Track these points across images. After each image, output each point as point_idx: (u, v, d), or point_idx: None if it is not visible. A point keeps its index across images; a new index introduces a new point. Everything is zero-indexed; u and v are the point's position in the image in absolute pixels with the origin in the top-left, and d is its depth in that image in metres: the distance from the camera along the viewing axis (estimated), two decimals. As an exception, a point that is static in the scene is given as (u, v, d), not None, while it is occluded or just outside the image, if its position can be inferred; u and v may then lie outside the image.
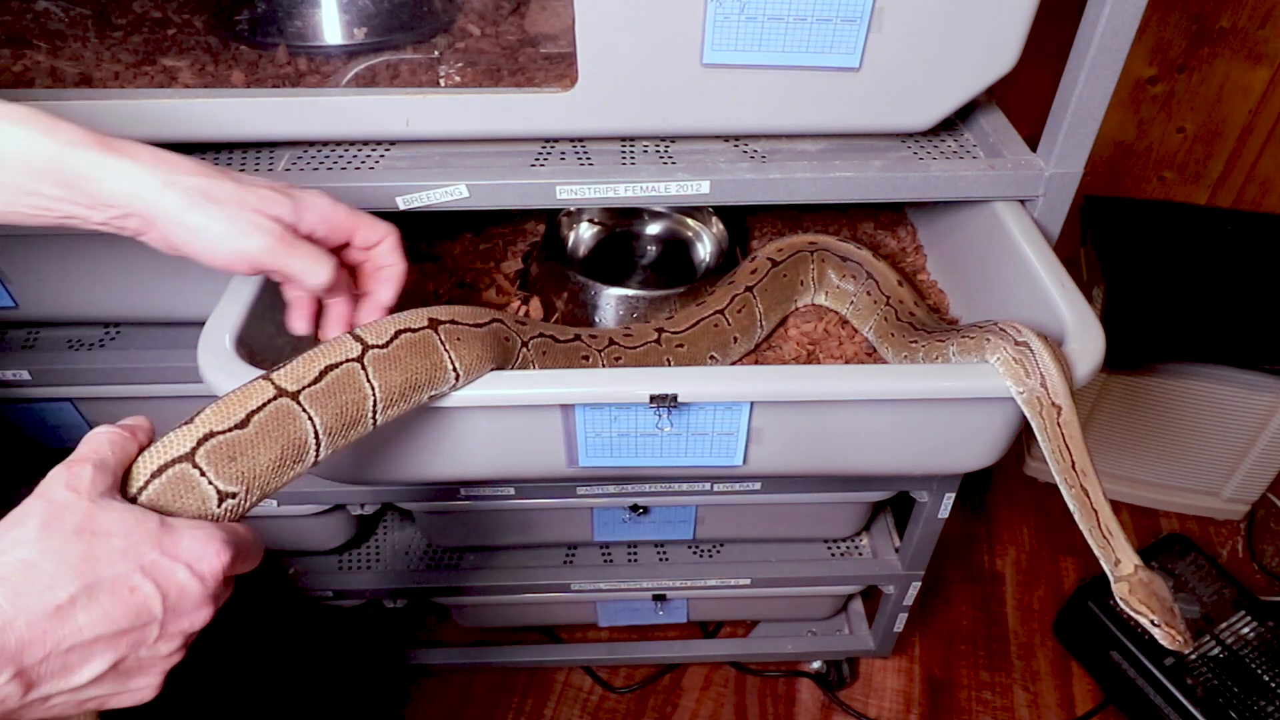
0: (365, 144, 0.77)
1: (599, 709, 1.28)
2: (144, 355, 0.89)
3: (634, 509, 1.05)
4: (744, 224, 0.99)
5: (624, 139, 0.78)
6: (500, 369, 0.64)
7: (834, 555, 1.15)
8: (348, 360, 0.53)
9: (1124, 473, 1.51)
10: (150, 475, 0.44)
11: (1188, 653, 1.19)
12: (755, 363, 0.84)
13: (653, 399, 0.62)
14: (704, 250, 0.96)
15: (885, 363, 0.81)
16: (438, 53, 0.77)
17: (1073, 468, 0.63)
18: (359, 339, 0.54)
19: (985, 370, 0.64)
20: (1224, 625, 1.22)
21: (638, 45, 0.67)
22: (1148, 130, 1.56)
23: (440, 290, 0.85)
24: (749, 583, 1.12)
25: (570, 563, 1.15)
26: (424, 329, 0.57)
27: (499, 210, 0.74)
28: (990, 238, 0.77)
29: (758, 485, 0.99)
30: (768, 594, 1.16)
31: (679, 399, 0.62)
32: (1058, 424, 0.62)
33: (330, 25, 0.77)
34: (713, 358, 0.80)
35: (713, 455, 0.69)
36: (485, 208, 0.73)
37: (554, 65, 0.75)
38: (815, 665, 1.32)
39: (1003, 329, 0.64)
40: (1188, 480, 1.50)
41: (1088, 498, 0.63)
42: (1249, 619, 1.22)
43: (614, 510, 1.06)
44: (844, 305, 0.87)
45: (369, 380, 0.54)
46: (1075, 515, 0.64)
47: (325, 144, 0.76)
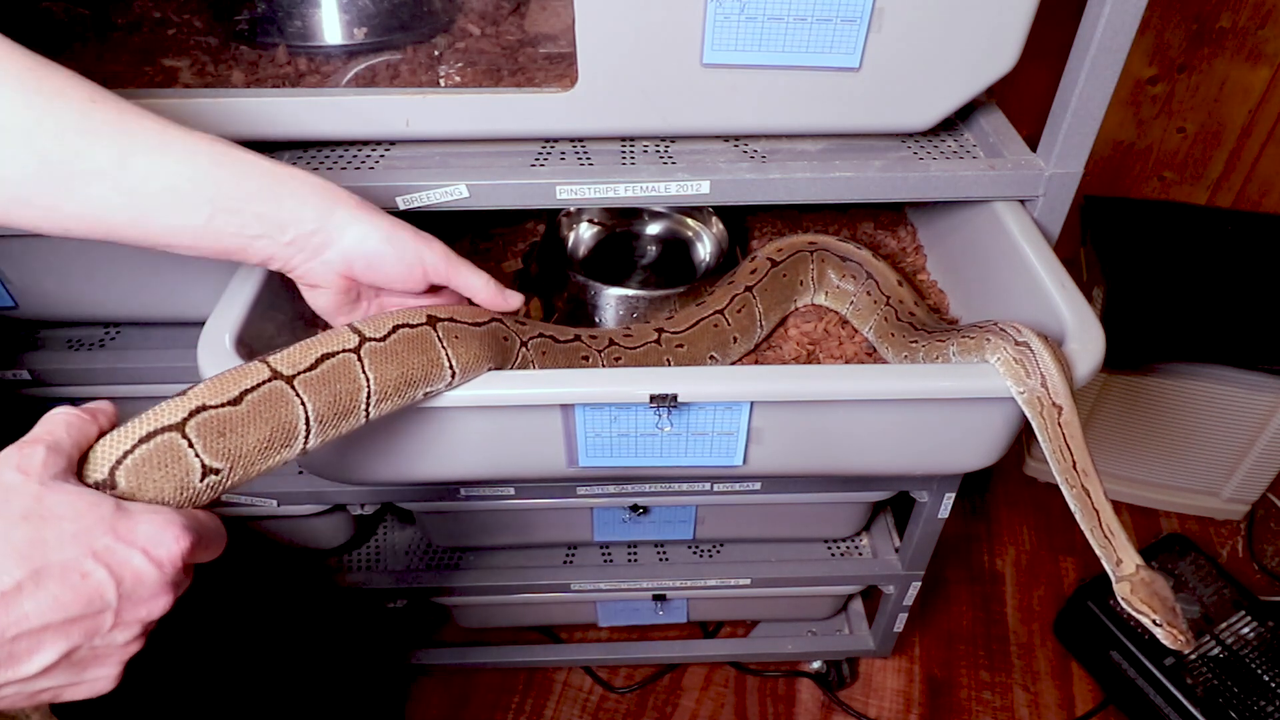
0: (365, 144, 0.77)
1: (599, 709, 1.28)
2: (144, 355, 0.89)
3: (634, 509, 1.05)
4: (744, 224, 0.99)
5: (624, 139, 0.78)
6: (499, 369, 0.64)
7: (834, 555, 1.15)
8: (344, 350, 0.53)
9: (1124, 473, 1.51)
10: (138, 440, 0.44)
11: (1188, 653, 1.19)
12: (755, 363, 0.84)
13: (653, 399, 0.62)
14: (704, 250, 0.96)
15: (885, 363, 0.81)
16: (438, 53, 0.77)
17: (1074, 468, 0.63)
18: (357, 331, 0.55)
19: (985, 370, 0.64)
20: (1224, 625, 1.22)
21: (638, 45, 0.67)
22: (1148, 130, 1.56)
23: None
24: (749, 583, 1.12)
25: (570, 563, 1.15)
26: (422, 325, 0.58)
27: (499, 210, 0.74)
28: (990, 238, 0.77)
29: (758, 485, 0.99)
30: (768, 594, 1.16)
31: (679, 399, 0.62)
32: (1058, 424, 0.62)
33: (330, 25, 0.77)
34: (713, 358, 0.80)
35: (713, 455, 0.69)
36: (485, 208, 0.73)
37: (554, 65, 0.75)
38: (815, 665, 1.32)
39: (1003, 329, 0.64)
40: (1188, 480, 1.50)
41: (1089, 498, 0.63)
42: (1249, 619, 1.22)
43: (614, 510, 1.06)
44: (844, 305, 0.86)
45: (364, 371, 0.54)
46: (1077, 515, 0.64)
47: (325, 144, 0.76)
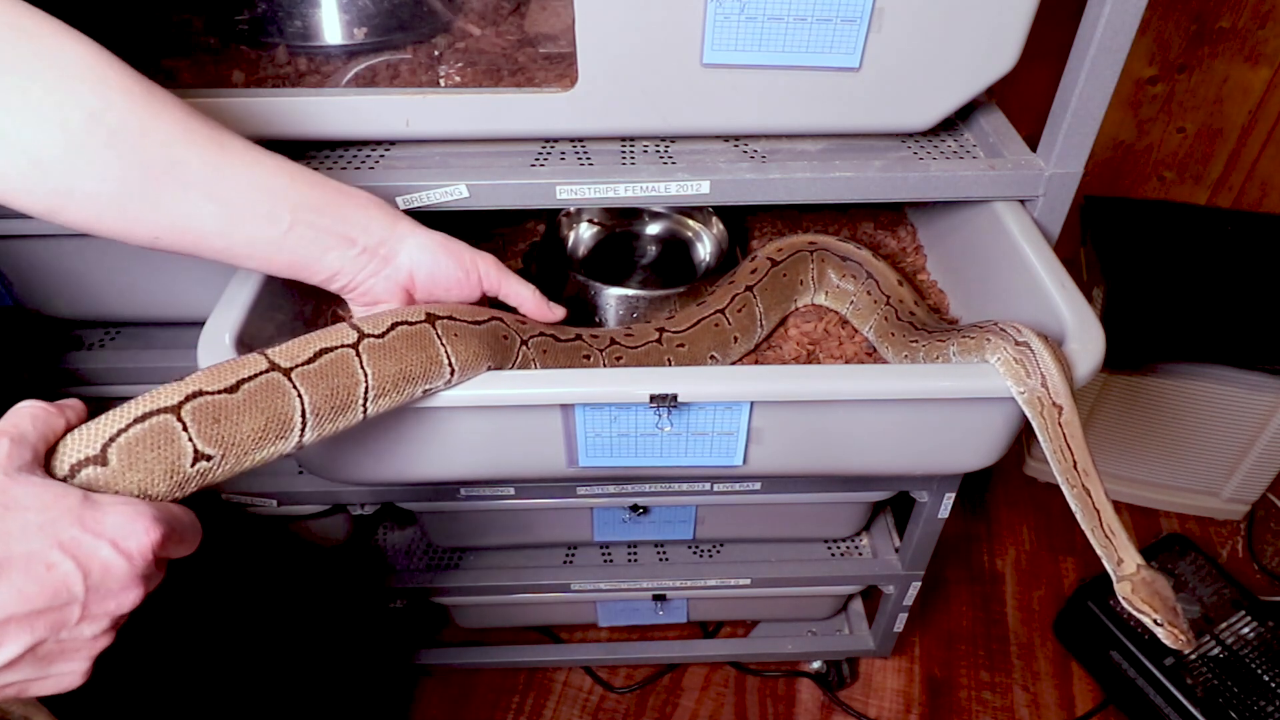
0: (365, 144, 0.77)
1: (599, 709, 1.28)
2: (144, 355, 0.89)
3: (634, 509, 1.05)
4: (744, 224, 0.99)
5: (624, 139, 0.78)
6: (499, 368, 0.63)
7: (834, 555, 1.15)
8: (342, 345, 0.54)
9: (1124, 473, 1.51)
10: (133, 419, 0.44)
11: (1188, 653, 1.19)
12: (755, 363, 0.84)
13: (653, 399, 0.62)
14: (704, 250, 0.96)
15: (885, 363, 0.81)
16: (438, 53, 0.77)
17: (1074, 467, 0.63)
18: (356, 327, 0.55)
19: (986, 370, 0.64)
20: (1224, 625, 1.22)
21: (638, 45, 0.67)
22: (1148, 130, 1.56)
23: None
24: (749, 583, 1.12)
25: (570, 563, 1.15)
26: (421, 323, 0.58)
27: (500, 210, 0.74)
28: (990, 238, 0.77)
29: (758, 485, 0.99)
30: (768, 594, 1.16)
31: (679, 399, 0.62)
32: (1059, 424, 0.62)
33: (330, 25, 0.77)
34: (713, 357, 0.80)
35: (713, 455, 0.69)
36: (485, 208, 0.73)
37: (554, 65, 0.75)
38: (815, 665, 1.32)
39: (1003, 329, 0.64)
40: (1188, 480, 1.50)
41: (1090, 497, 0.63)
42: (1249, 619, 1.22)
43: (614, 510, 1.06)
44: (844, 305, 0.86)
45: (362, 367, 0.54)
46: (1077, 515, 0.64)
47: (325, 144, 0.76)
